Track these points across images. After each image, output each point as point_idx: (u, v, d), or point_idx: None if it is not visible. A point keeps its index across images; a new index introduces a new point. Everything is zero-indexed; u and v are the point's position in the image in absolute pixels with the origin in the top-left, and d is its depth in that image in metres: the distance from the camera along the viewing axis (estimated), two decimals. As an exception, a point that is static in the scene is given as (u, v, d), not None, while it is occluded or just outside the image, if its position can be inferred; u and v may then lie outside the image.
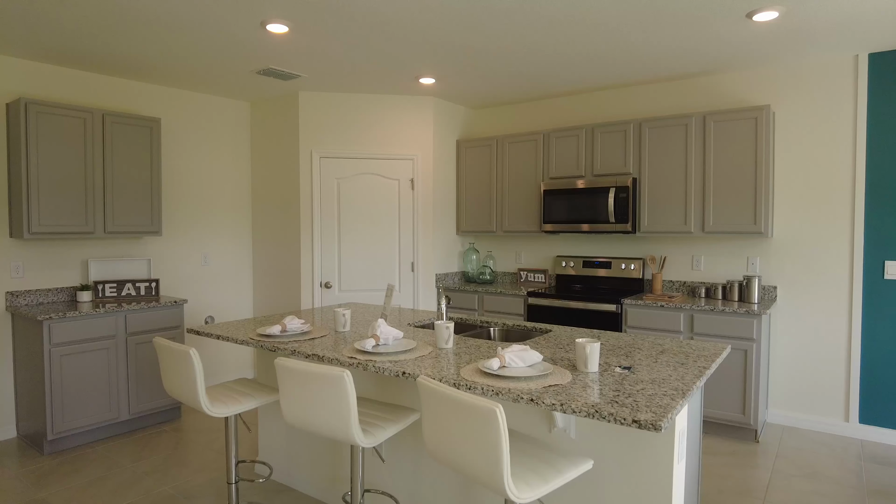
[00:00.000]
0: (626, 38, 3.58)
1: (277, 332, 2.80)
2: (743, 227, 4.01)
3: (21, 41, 3.57)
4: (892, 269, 3.81)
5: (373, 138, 5.03)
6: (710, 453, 3.67)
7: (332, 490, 3.00)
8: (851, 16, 3.17)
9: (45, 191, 3.80)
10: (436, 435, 1.81)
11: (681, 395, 1.81)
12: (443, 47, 3.74)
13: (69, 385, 3.69)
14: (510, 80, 4.58)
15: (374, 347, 2.44)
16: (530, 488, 1.69)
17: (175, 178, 4.84)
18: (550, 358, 2.32)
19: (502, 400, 1.91)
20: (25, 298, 3.97)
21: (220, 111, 5.15)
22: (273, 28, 3.34)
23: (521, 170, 5.05)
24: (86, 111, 3.98)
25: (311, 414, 2.14)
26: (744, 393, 3.80)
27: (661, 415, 1.62)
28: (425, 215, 5.15)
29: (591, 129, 4.63)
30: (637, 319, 4.16)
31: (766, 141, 3.91)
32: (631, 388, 1.88)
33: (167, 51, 3.78)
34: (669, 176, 4.28)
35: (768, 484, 3.24)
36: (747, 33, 3.47)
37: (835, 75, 3.95)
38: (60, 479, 3.30)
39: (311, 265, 4.95)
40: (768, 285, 4.22)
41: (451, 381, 2.00)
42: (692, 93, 4.49)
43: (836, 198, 3.98)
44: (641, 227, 4.41)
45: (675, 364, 2.22)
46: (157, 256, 4.71)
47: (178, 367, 2.49)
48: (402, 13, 3.14)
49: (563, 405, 1.73)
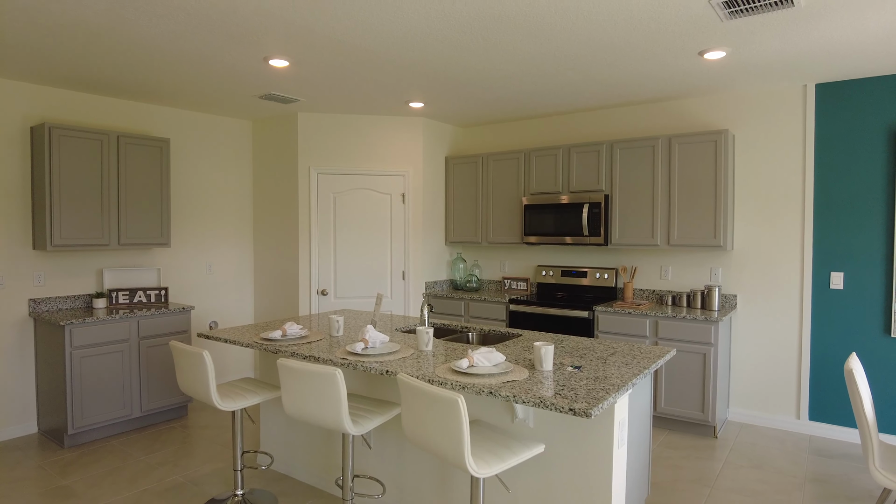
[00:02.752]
0: (595, 70, 3.96)
1: (279, 336, 3.16)
2: (704, 240, 4.38)
3: (45, 70, 3.94)
4: (836, 279, 4.19)
5: (367, 156, 5.41)
6: (671, 447, 4.04)
7: (327, 477, 3.36)
8: (793, 54, 3.56)
9: (66, 207, 4.17)
10: (412, 422, 2.18)
11: (615, 389, 2.18)
12: (429, 77, 4.11)
13: (87, 384, 4.05)
14: (492, 104, 4.97)
15: (363, 350, 2.81)
16: (488, 466, 2.06)
17: (182, 193, 5.21)
18: (514, 359, 2.69)
19: (468, 393, 2.27)
20: (46, 305, 4.33)
21: (224, 130, 5.53)
22: (275, 63, 3.72)
23: (504, 185, 5.43)
24: (102, 133, 4.34)
25: (308, 406, 2.50)
26: (703, 393, 4.18)
27: (593, 404, 1.99)
28: (415, 227, 5.53)
29: (567, 148, 5.01)
30: (607, 325, 4.53)
31: (724, 162, 4.29)
32: (575, 384, 2.25)
33: (177, 78, 4.15)
34: (638, 193, 4.66)
35: (719, 473, 3.61)
36: (702, 68, 3.85)
37: (786, 102, 4.34)
38: (81, 468, 3.66)
39: (308, 273, 5.31)
40: (729, 294, 4.59)
41: (427, 378, 2.37)
42: (660, 116, 4.88)
43: (789, 214, 4.36)
44: (613, 239, 4.79)
45: (621, 364, 2.59)
46: (165, 266, 5.07)
47: (192, 367, 2.85)
48: (390, 50, 3.52)
49: (515, 396, 2.10)
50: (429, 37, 3.26)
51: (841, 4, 2.79)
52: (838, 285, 4.18)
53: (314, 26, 3.09)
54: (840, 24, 3.05)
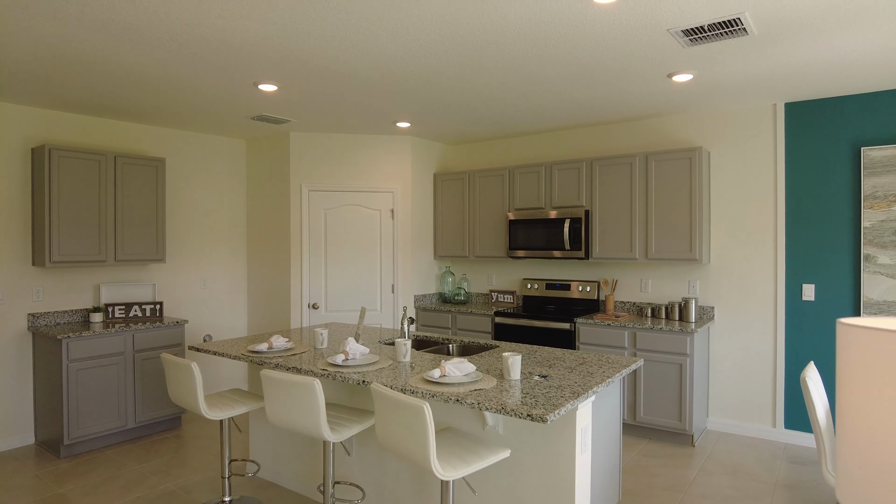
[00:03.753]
0: (569, 92, 4.14)
1: (265, 348, 3.31)
2: (681, 254, 4.53)
3: (46, 95, 4.13)
4: (808, 291, 4.33)
5: (357, 173, 5.58)
6: (649, 456, 4.16)
7: (311, 484, 3.48)
8: (758, 76, 3.73)
9: (65, 224, 4.33)
10: (384, 428, 2.32)
11: (574, 397, 2.32)
12: (412, 100, 4.29)
13: (83, 396, 4.19)
14: (476, 124, 5.15)
15: (344, 361, 2.95)
16: (453, 469, 2.19)
17: (178, 210, 5.38)
18: (486, 369, 2.83)
19: (437, 401, 2.41)
20: (45, 319, 4.48)
21: (218, 149, 5.71)
22: (264, 87, 3.90)
23: (490, 201, 5.60)
24: (100, 154, 4.52)
25: (289, 415, 2.64)
26: (680, 402, 4.30)
27: (550, 410, 2.13)
28: (404, 242, 5.68)
29: (549, 165, 5.18)
30: (588, 336, 4.67)
31: (699, 178, 4.45)
32: (539, 392, 2.39)
33: (171, 102, 4.34)
34: (617, 208, 4.82)
35: (692, 480, 3.73)
36: (673, 88, 4.03)
37: (758, 121, 4.51)
38: (77, 478, 3.79)
39: (300, 288, 5.47)
40: (706, 306, 4.74)
41: (399, 388, 2.51)
42: (637, 134, 5.05)
43: (762, 228, 4.51)
44: (593, 253, 4.94)
45: (586, 374, 2.73)
46: (161, 281, 5.23)
47: (182, 378, 2.99)
48: (373, 76, 3.70)
49: (479, 404, 2.24)
50: (408, 63, 3.44)
51: (793, 32, 2.96)
52: (810, 297, 4.32)
53: (299, 55, 3.27)
54: (797, 50, 3.23)
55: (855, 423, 0.83)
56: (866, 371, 0.82)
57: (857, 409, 0.83)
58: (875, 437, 0.81)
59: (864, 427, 0.82)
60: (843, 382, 0.88)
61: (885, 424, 0.79)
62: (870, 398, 0.81)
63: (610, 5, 2.62)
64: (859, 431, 0.83)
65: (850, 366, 0.86)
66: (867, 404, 0.82)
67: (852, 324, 0.87)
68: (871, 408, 0.81)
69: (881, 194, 4.01)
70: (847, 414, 0.86)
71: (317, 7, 2.63)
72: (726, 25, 2.84)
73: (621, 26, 2.88)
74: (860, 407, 0.83)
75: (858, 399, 0.83)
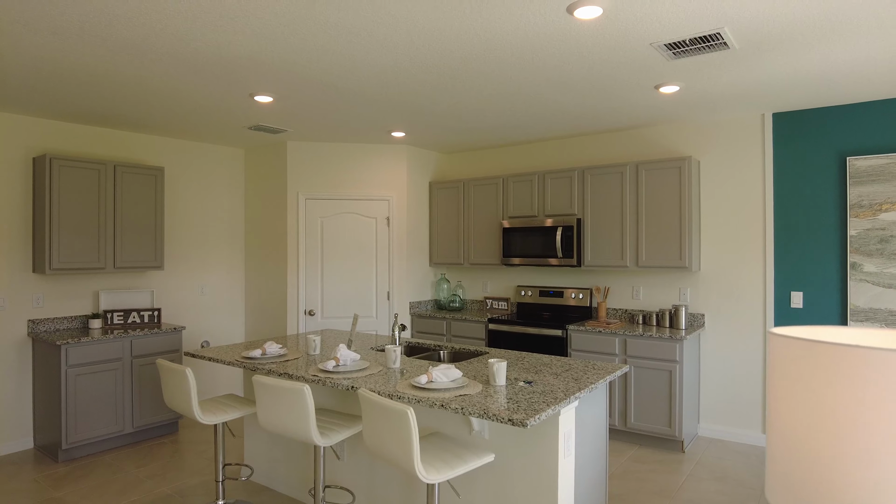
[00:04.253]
0: (559, 104, 4.21)
1: (258, 354, 3.38)
2: (670, 262, 4.60)
3: (47, 106, 4.22)
4: (796, 298, 4.38)
5: (353, 181, 5.66)
6: (639, 461, 4.21)
7: (302, 488, 3.54)
8: (743, 87, 3.80)
9: (65, 232, 4.41)
10: (371, 433, 2.38)
11: (556, 402, 2.38)
12: (405, 111, 4.38)
13: (81, 401, 4.26)
14: (469, 134, 5.23)
15: (335, 367, 3.02)
16: (437, 472, 2.25)
17: (177, 217, 5.46)
18: (473, 375, 2.89)
19: (422, 406, 2.47)
20: (44, 326, 4.56)
21: (217, 157, 5.80)
22: (260, 99, 3.99)
23: (484, 209, 5.67)
24: (100, 163, 4.61)
25: (280, 419, 2.71)
26: (669, 408, 4.35)
27: (531, 415, 2.19)
28: (399, 249, 5.76)
29: (542, 174, 5.26)
30: (580, 343, 4.73)
31: (688, 187, 4.52)
32: (522, 398, 2.45)
33: (169, 112, 4.43)
34: (608, 217, 4.89)
35: (681, 486, 3.78)
36: (661, 99, 4.11)
37: (746, 130, 4.58)
38: (73, 482, 3.85)
39: (296, 294, 5.54)
40: (697, 313, 4.79)
41: (387, 393, 2.57)
42: (628, 143, 5.13)
43: (752, 236, 4.57)
44: (585, 261, 5.01)
45: (571, 380, 2.79)
46: (159, 288, 5.31)
47: (176, 383, 3.06)
48: (365, 88, 3.78)
49: (462, 409, 2.31)
50: (399, 75, 3.52)
51: (773, 46, 3.04)
52: (798, 304, 4.38)
53: (292, 68, 3.36)
54: (779, 63, 3.30)
55: (782, 428, 0.90)
56: (792, 379, 0.88)
57: (784, 415, 0.90)
58: (799, 440, 0.87)
59: (790, 431, 0.89)
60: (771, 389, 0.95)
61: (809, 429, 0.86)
62: (795, 404, 0.88)
63: (592, 21, 2.70)
64: (786, 435, 0.89)
65: (777, 374, 0.93)
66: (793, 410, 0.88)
67: (780, 334, 0.94)
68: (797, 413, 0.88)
69: (867, 203, 4.07)
70: (775, 419, 0.93)
71: (307, 23, 2.72)
72: (707, 40, 2.92)
73: (605, 41, 2.95)
74: (787, 412, 0.89)
75: (785, 405, 0.89)
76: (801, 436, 0.87)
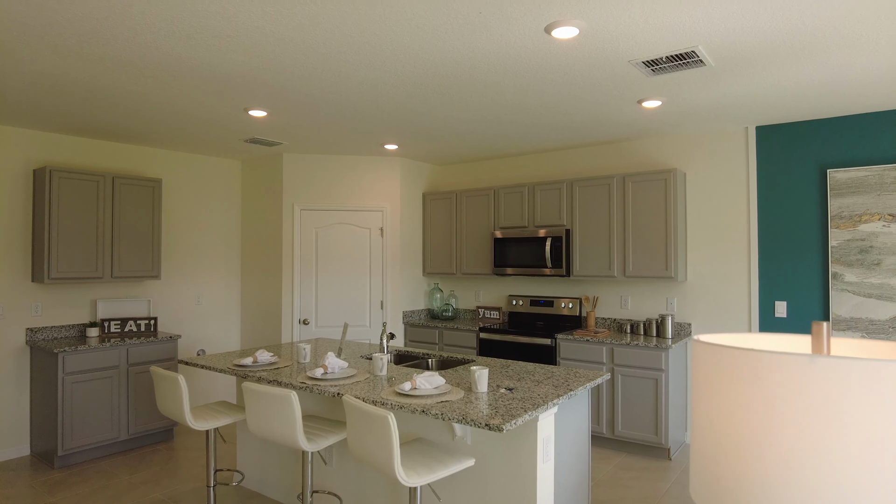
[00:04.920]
0: (545, 118, 4.32)
1: (249, 362, 3.46)
2: (657, 272, 4.68)
3: (47, 119, 4.34)
4: (780, 308, 4.47)
5: (347, 193, 5.77)
6: (625, 469, 4.27)
7: (291, 493, 3.61)
8: (724, 102, 3.91)
9: (63, 242, 4.51)
10: (354, 437, 2.46)
11: (534, 408, 2.46)
12: (397, 124, 4.49)
13: (78, 408, 4.33)
14: (460, 146, 5.34)
15: (323, 375, 3.10)
16: (418, 476, 2.33)
17: (174, 228, 5.56)
18: (457, 382, 2.97)
19: (405, 412, 2.55)
20: (42, 334, 4.65)
21: (214, 169, 5.91)
22: (254, 113, 4.10)
23: (476, 220, 5.77)
24: (99, 175, 4.72)
25: (268, 425, 2.79)
26: (656, 416, 4.42)
27: (507, 420, 2.27)
28: (393, 259, 5.85)
29: (532, 186, 5.36)
30: (568, 352, 4.80)
31: (674, 198, 4.61)
32: (502, 404, 2.53)
33: (167, 125, 4.54)
34: (596, 228, 4.99)
35: (665, 492, 3.84)
36: (644, 113, 4.21)
37: (731, 143, 4.69)
38: (68, 487, 3.92)
39: (291, 304, 5.62)
40: (684, 322, 4.87)
41: (371, 400, 2.66)
42: (615, 156, 5.23)
43: (736, 247, 4.66)
44: (574, 271, 5.10)
45: (551, 387, 2.87)
46: (156, 297, 5.40)
47: (169, 390, 3.14)
48: (357, 103, 3.89)
49: (442, 414, 2.39)
50: (389, 91, 3.63)
51: (748, 63, 3.14)
52: (782, 313, 4.46)
53: (285, 84, 3.47)
54: (756, 78, 3.41)
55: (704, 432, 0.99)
56: (708, 382, 0.98)
57: (702, 417, 0.99)
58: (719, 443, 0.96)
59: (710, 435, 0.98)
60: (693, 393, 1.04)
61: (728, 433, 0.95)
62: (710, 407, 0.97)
63: (570, 40, 2.81)
64: (707, 439, 0.98)
65: (697, 377, 1.02)
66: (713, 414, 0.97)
67: (702, 341, 1.03)
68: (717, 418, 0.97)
69: (847, 214, 4.16)
70: (696, 421, 1.02)
71: (296, 43, 2.83)
72: (682, 57, 3.03)
73: (585, 59, 3.06)
74: (704, 415, 0.98)
75: (703, 407, 0.98)
76: (717, 436, 0.96)
